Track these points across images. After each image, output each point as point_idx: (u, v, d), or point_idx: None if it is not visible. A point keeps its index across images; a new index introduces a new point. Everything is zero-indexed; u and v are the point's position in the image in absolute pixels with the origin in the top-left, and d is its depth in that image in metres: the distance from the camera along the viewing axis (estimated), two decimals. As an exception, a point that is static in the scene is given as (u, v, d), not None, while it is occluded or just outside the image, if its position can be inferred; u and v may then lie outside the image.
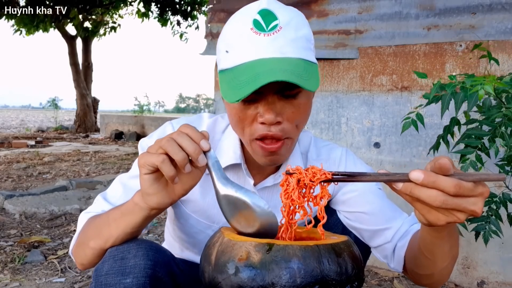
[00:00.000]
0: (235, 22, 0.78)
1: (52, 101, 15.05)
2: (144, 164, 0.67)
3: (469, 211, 0.58)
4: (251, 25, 0.74)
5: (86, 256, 0.82)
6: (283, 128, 0.78)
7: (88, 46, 12.77)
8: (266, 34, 0.74)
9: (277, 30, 0.74)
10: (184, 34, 10.84)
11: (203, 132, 0.70)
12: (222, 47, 0.80)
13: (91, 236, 0.81)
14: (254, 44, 0.74)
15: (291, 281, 0.59)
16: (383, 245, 0.91)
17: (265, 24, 0.74)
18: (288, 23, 0.75)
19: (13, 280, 1.89)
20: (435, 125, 1.90)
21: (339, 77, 2.15)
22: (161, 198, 0.71)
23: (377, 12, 2.03)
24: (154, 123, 10.21)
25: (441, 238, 0.71)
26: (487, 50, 1.38)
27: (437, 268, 0.79)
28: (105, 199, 0.89)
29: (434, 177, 0.57)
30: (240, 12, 0.79)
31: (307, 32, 0.78)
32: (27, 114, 43.04)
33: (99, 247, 0.79)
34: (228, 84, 0.75)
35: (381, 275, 2.01)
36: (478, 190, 0.58)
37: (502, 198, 1.32)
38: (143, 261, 0.73)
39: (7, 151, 6.79)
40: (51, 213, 2.94)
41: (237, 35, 0.76)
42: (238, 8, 0.82)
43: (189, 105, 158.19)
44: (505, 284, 1.82)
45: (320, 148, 0.99)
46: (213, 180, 0.70)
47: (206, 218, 0.95)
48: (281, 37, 0.74)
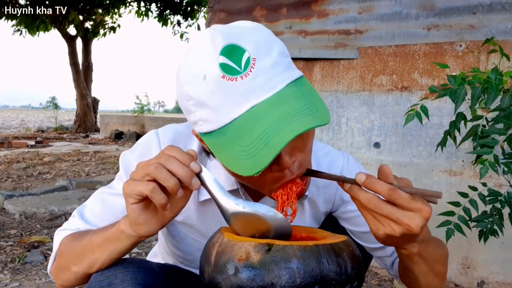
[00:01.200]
0: (196, 75, 0.63)
1: (52, 101, 15.04)
2: (131, 193, 0.62)
3: (404, 224, 0.59)
4: (219, 71, 0.61)
5: (68, 280, 0.78)
6: (301, 163, 0.69)
7: (88, 46, 12.77)
8: (242, 75, 0.61)
9: (252, 65, 0.61)
10: (184, 34, 10.85)
11: (189, 152, 0.64)
12: (191, 106, 0.66)
13: (72, 261, 0.76)
14: (235, 93, 0.61)
15: (291, 281, 0.59)
16: (383, 258, 0.95)
17: (236, 64, 0.61)
18: (257, 48, 0.63)
19: (13, 280, 1.89)
20: (436, 125, 1.90)
21: (339, 77, 2.15)
22: (150, 226, 0.67)
23: (377, 12, 2.03)
24: (154, 123, 10.21)
25: (414, 261, 0.73)
26: (498, 45, 1.37)
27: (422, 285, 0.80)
28: (82, 217, 0.82)
29: (374, 180, 0.60)
30: (194, 61, 0.65)
31: (279, 46, 0.67)
32: (27, 114, 43.04)
33: (82, 272, 0.75)
34: (229, 152, 0.62)
35: (381, 275, 2.01)
36: (415, 205, 0.59)
37: (507, 197, 1.30)
38: (132, 287, 0.69)
39: (7, 151, 6.79)
40: (51, 213, 2.94)
41: (208, 90, 0.62)
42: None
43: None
44: (505, 284, 1.81)
45: (320, 159, 0.92)
46: (216, 201, 0.67)
47: (205, 238, 0.90)
48: (260, 71, 0.62)
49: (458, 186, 1.86)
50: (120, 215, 0.78)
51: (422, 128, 1.92)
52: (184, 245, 0.94)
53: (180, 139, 0.85)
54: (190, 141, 0.85)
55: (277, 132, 0.59)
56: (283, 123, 0.59)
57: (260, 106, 0.61)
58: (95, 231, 0.76)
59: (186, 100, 0.66)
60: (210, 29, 0.65)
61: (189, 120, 0.69)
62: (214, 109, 0.63)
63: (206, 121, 0.65)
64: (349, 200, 0.92)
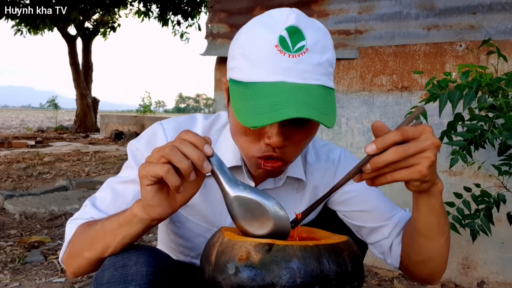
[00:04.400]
0: (258, 33, 0.72)
1: (52, 101, 15.05)
2: (147, 175, 0.65)
3: (430, 145, 0.62)
4: (276, 41, 0.69)
5: (80, 267, 0.81)
6: (286, 152, 0.76)
7: (88, 46, 12.77)
8: (291, 55, 0.69)
9: (303, 52, 0.69)
10: (184, 34, 10.85)
11: (205, 137, 0.67)
12: (238, 53, 0.74)
13: (85, 247, 0.78)
14: (277, 64, 0.69)
15: (291, 281, 0.59)
16: (381, 241, 0.92)
17: (291, 43, 0.70)
18: (315, 45, 0.71)
19: (13, 280, 1.89)
20: (435, 125, 1.90)
21: (339, 77, 2.15)
22: (163, 209, 0.69)
23: (377, 12, 2.03)
24: (154, 123, 10.19)
25: (433, 210, 0.74)
26: (496, 46, 1.38)
27: (434, 246, 0.80)
28: (94, 205, 0.85)
29: (381, 138, 0.61)
30: (264, 21, 0.73)
31: (330, 56, 0.74)
32: (27, 114, 43.04)
33: (95, 257, 0.77)
34: (244, 103, 0.69)
35: (381, 275, 2.01)
36: (420, 128, 0.63)
37: (497, 198, 1.34)
38: (145, 268, 0.72)
39: (7, 151, 6.79)
40: (51, 213, 2.94)
41: (259, 48, 0.70)
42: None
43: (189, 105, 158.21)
44: (505, 284, 1.82)
45: (318, 149, 0.98)
46: (220, 183, 0.67)
47: (206, 222, 0.93)
48: (306, 61, 0.70)
49: (458, 186, 1.86)
50: (131, 203, 0.81)
51: (422, 128, 1.93)
52: (184, 231, 0.96)
53: (182, 126, 0.90)
54: (193, 127, 0.91)
55: (288, 107, 0.66)
56: (298, 104, 0.66)
57: (289, 85, 0.69)
58: (108, 217, 0.78)
59: (237, 47, 0.74)
60: (291, 9, 0.74)
61: (228, 65, 0.77)
62: (252, 66, 0.71)
63: (241, 71, 0.73)
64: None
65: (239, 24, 2.39)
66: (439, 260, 0.82)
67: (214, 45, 2.44)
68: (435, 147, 0.62)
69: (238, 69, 0.73)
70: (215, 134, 0.92)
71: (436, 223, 0.76)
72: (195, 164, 0.64)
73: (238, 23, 2.36)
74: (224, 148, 0.88)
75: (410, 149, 0.61)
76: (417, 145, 0.62)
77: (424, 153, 0.62)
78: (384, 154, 0.61)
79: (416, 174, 0.63)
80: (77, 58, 12.29)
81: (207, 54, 2.46)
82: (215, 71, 2.49)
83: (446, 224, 0.79)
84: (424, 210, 0.74)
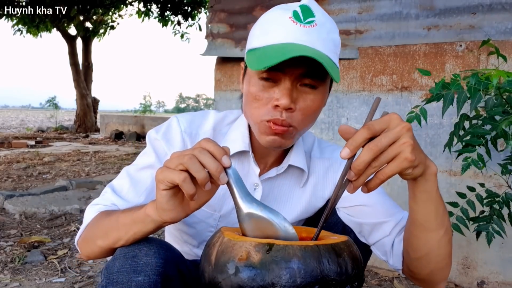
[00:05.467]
0: (275, 10, 0.82)
1: (52, 101, 15.05)
2: (163, 180, 0.66)
3: (401, 129, 0.61)
4: (290, 14, 0.79)
5: (93, 252, 0.84)
6: (293, 116, 0.81)
7: (88, 46, 12.78)
8: (302, 25, 0.78)
9: (313, 25, 0.78)
10: (185, 34, 10.85)
11: (224, 148, 0.68)
12: (256, 29, 0.84)
13: (99, 235, 0.81)
14: (290, 30, 0.78)
15: (291, 281, 0.59)
16: (382, 240, 0.91)
17: (303, 17, 0.79)
18: (323, 24, 0.80)
19: (13, 280, 1.89)
20: (435, 125, 1.90)
21: (339, 77, 2.15)
22: (176, 214, 0.71)
23: (377, 12, 2.03)
24: (154, 123, 10.21)
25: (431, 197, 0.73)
26: (495, 46, 1.38)
27: (433, 238, 0.77)
28: (114, 191, 0.89)
29: (351, 140, 0.62)
30: (280, 5, 0.84)
31: (336, 38, 0.83)
32: (27, 114, 43.05)
33: (107, 246, 0.79)
34: (257, 57, 0.78)
35: (381, 275, 2.01)
36: (386, 118, 0.63)
37: (505, 198, 1.31)
38: (155, 259, 0.73)
39: (7, 151, 6.79)
40: (51, 213, 2.94)
41: (275, 20, 0.80)
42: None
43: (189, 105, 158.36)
44: (505, 284, 1.82)
45: (324, 148, 1.02)
46: (234, 197, 0.68)
47: (208, 206, 0.96)
48: (315, 33, 0.78)
49: (458, 186, 1.86)
50: (150, 187, 0.88)
51: (422, 128, 1.92)
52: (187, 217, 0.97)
53: (196, 119, 0.96)
54: (205, 120, 0.97)
55: (296, 51, 0.72)
56: (306, 51, 0.73)
57: (299, 45, 0.77)
58: (123, 210, 0.81)
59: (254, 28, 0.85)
60: None
61: (248, 41, 0.86)
62: (268, 32, 0.80)
63: (258, 39, 0.82)
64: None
65: (239, 24, 2.39)
66: (439, 255, 0.79)
67: (214, 45, 2.44)
68: (407, 130, 0.62)
69: (255, 38, 0.82)
70: (226, 126, 0.97)
71: (434, 211, 0.74)
72: (212, 175, 0.65)
73: (238, 23, 2.36)
74: (233, 136, 0.94)
75: (382, 141, 0.61)
76: (388, 135, 0.61)
77: (400, 140, 0.62)
78: (360, 155, 0.61)
79: (404, 162, 0.62)
80: (77, 58, 12.29)
81: (207, 54, 2.46)
82: (215, 71, 2.49)
83: (445, 214, 0.77)
84: (421, 198, 0.72)
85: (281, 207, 0.98)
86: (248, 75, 0.85)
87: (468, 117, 1.32)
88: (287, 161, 0.95)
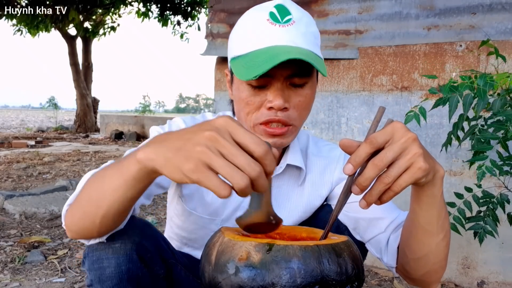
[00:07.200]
0: (251, 14, 0.84)
1: (52, 101, 15.04)
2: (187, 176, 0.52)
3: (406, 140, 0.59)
4: (267, 16, 0.81)
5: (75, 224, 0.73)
6: (289, 115, 0.83)
7: (88, 46, 12.77)
8: (280, 25, 0.80)
9: (291, 23, 0.80)
10: (184, 34, 10.85)
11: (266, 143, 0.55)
12: (236, 35, 0.85)
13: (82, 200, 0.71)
14: (270, 33, 0.79)
15: (291, 281, 0.59)
16: (377, 236, 0.91)
17: (280, 17, 0.81)
18: (300, 19, 0.82)
19: (13, 280, 1.89)
20: (435, 125, 1.90)
21: (339, 77, 2.15)
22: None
23: (377, 12, 2.03)
24: (154, 123, 10.19)
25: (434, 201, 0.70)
26: (494, 47, 1.38)
27: (432, 242, 0.76)
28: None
29: (354, 155, 0.60)
30: (255, 7, 0.85)
31: (315, 31, 0.85)
32: (27, 114, 43.04)
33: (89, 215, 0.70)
34: (244, 65, 0.78)
35: (381, 275, 2.01)
36: (388, 129, 0.60)
37: (500, 199, 1.32)
38: (132, 230, 0.78)
39: (7, 151, 6.79)
40: (51, 213, 2.94)
41: (253, 25, 0.82)
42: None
43: (189, 105, 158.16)
44: (505, 284, 1.82)
45: (321, 147, 1.03)
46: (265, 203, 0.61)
47: (209, 213, 0.96)
48: (294, 30, 0.80)
49: (458, 186, 1.86)
50: None
51: (422, 128, 1.92)
52: (188, 224, 0.99)
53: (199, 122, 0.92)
54: None
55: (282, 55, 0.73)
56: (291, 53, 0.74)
57: (282, 46, 0.78)
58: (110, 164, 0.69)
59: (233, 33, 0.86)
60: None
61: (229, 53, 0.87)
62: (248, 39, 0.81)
63: (238, 47, 0.83)
64: (345, 177, 0.94)
65: (239, 24, 2.39)
66: (436, 257, 0.78)
67: (214, 45, 2.44)
68: (413, 140, 0.60)
69: (237, 46, 0.83)
70: None
71: (436, 216, 0.73)
72: (251, 180, 0.52)
73: (238, 23, 2.36)
74: None
75: (387, 156, 0.59)
76: (393, 149, 0.59)
77: (409, 151, 0.59)
78: (365, 172, 0.59)
79: (418, 172, 0.60)
80: (77, 58, 12.28)
81: (207, 54, 2.46)
82: (215, 71, 2.49)
83: (446, 218, 0.76)
84: (426, 202, 0.71)
85: (281, 208, 0.97)
86: (236, 82, 0.85)
87: (467, 117, 1.32)
88: (284, 161, 0.94)
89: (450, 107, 1.19)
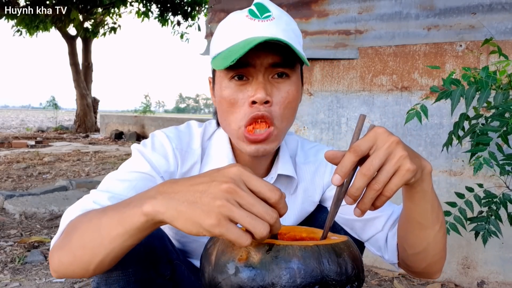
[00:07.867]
0: (231, 15, 0.85)
1: (52, 101, 15.05)
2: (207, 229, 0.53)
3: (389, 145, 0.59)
4: (246, 13, 0.81)
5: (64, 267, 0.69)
6: (272, 111, 0.80)
7: (88, 46, 12.78)
8: (260, 20, 0.80)
9: (270, 19, 0.80)
10: (184, 34, 10.85)
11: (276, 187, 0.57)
12: (215, 36, 0.85)
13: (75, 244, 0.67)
14: (249, 27, 0.79)
15: (291, 281, 0.59)
16: (375, 236, 0.91)
17: (260, 13, 0.81)
18: (280, 16, 0.82)
19: (13, 280, 1.89)
20: (435, 125, 1.90)
21: (339, 77, 2.15)
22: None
23: (377, 12, 2.03)
24: (154, 123, 10.21)
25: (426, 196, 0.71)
26: (497, 46, 1.37)
27: (429, 235, 0.77)
28: (96, 191, 0.76)
29: (340, 166, 0.60)
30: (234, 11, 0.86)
31: (296, 28, 0.84)
32: (27, 114, 43.05)
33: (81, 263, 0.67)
34: (222, 57, 0.78)
35: (381, 275, 2.01)
36: (371, 135, 0.61)
37: (502, 199, 1.31)
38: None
39: (7, 151, 6.79)
40: (51, 213, 2.94)
41: (232, 23, 0.82)
42: (238, 8, 0.86)
43: (189, 105, 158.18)
44: (505, 284, 1.82)
45: (307, 151, 1.00)
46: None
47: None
48: (274, 25, 0.80)
49: (458, 186, 1.86)
50: (139, 190, 0.74)
51: (422, 128, 1.93)
52: (180, 236, 0.97)
53: (183, 136, 0.91)
54: (192, 137, 0.92)
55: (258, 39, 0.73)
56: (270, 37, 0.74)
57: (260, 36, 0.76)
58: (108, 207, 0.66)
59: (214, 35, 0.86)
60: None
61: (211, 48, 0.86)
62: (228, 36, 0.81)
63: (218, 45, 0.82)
64: None
65: (239, 24, 2.39)
66: (435, 249, 0.79)
67: (214, 45, 2.45)
68: (397, 143, 0.60)
69: (217, 45, 0.83)
70: (206, 142, 0.93)
71: (430, 209, 0.73)
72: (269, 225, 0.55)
73: (238, 23, 2.36)
74: (215, 152, 0.91)
75: (373, 163, 0.59)
76: (378, 155, 0.59)
77: (394, 155, 0.60)
78: (354, 182, 0.60)
79: (407, 174, 0.60)
80: (77, 58, 12.28)
81: (207, 54, 2.46)
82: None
83: (440, 209, 0.77)
84: (419, 198, 0.71)
85: None
86: (218, 82, 0.83)
87: (468, 116, 1.32)
88: (275, 171, 0.92)
89: (452, 100, 1.18)
